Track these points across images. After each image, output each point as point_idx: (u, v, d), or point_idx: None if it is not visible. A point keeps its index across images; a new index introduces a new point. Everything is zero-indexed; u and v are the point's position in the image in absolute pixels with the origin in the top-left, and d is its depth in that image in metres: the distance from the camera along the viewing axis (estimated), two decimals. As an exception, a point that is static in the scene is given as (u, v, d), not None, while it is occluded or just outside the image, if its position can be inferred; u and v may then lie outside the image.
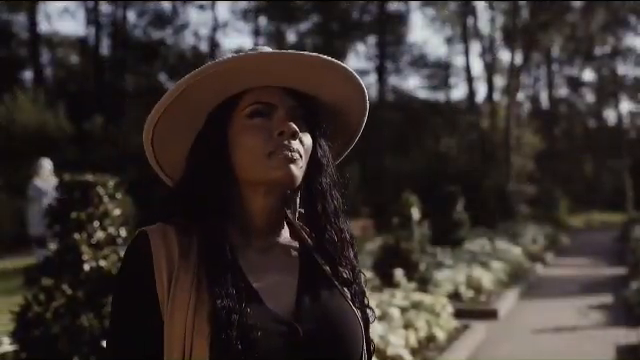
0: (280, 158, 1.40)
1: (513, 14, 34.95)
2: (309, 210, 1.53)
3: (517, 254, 15.92)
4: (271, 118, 1.43)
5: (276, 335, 1.33)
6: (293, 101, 1.47)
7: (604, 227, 34.54)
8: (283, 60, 1.44)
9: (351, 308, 1.46)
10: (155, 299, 1.35)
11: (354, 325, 1.43)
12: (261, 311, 1.34)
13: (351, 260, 1.53)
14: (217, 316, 1.29)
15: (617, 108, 51.15)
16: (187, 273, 1.35)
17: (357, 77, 1.50)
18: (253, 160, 1.41)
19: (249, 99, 1.44)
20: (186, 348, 1.30)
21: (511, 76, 35.94)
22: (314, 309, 1.41)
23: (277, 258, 1.48)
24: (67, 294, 5.00)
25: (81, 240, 5.08)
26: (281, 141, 1.41)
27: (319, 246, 1.52)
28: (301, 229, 1.57)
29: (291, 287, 1.43)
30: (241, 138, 1.42)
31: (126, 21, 35.30)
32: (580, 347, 8.56)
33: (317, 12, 36.64)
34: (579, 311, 10.97)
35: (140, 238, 1.41)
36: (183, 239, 1.40)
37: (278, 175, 1.40)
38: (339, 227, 1.52)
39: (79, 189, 5.22)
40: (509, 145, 33.25)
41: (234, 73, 1.42)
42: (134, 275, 1.39)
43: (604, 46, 46.46)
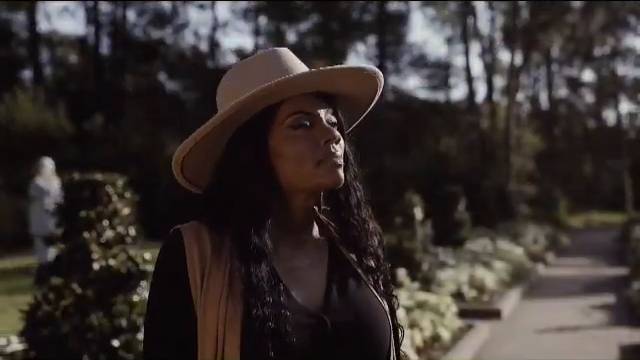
0: (329, 166, 1.45)
1: (513, 14, 34.95)
2: (333, 203, 1.57)
3: (519, 254, 15.94)
4: (312, 125, 1.47)
5: (304, 328, 1.37)
6: (325, 104, 1.51)
7: (603, 227, 34.57)
8: (341, 75, 1.52)
9: (378, 300, 1.50)
10: (188, 295, 1.40)
11: (381, 317, 1.47)
12: (290, 305, 1.37)
13: (375, 249, 1.57)
14: (249, 311, 1.33)
15: (617, 109, 51.16)
16: (219, 269, 1.40)
17: (381, 76, 1.58)
18: (301, 170, 1.45)
19: (288, 108, 1.47)
20: (219, 341, 1.35)
21: (511, 76, 35.95)
22: (342, 302, 1.45)
23: (307, 253, 1.52)
24: (77, 293, 5.01)
25: (90, 239, 5.08)
26: (328, 149, 1.46)
27: (344, 238, 1.56)
28: (328, 224, 1.60)
29: (320, 281, 1.48)
30: (287, 148, 1.46)
31: (126, 20, 35.25)
32: (583, 347, 8.58)
33: (317, 12, 36.62)
34: (581, 311, 10.99)
35: (174, 236, 1.45)
36: (215, 236, 1.44)
37: (327, 181, 1.46)
38: (362, 218, 1.57)
39: (88, 188, 5.22)
40: (509, 145, 33.26)
41: (276, 88, 1.45)
42: (168, 272, 1.44)
43: (604, 47, 46.46)
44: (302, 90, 1.48)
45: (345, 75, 1.53)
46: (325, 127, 1.47)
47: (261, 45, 39.07)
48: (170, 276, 1.43)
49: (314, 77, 1.47)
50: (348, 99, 1.58)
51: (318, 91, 1.51)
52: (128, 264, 5.19)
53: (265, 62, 1.53)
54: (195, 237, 1.43)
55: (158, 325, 1.43)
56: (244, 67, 1.55)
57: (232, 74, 1.57)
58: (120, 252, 5.25)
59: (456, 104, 43.02)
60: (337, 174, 1.46)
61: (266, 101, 1.46)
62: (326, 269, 1.51)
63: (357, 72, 1.53)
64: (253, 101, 1.44)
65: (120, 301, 5.15)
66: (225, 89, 1.57)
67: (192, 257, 1.41)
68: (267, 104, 1.47)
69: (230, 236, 1.44)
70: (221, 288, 1.37)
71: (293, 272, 1.46)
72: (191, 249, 1.41)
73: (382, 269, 1.57)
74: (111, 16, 34.78)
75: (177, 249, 1.42)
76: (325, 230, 1.59)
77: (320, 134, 1.46)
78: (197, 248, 1.41)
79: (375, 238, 1.58)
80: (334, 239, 1.57)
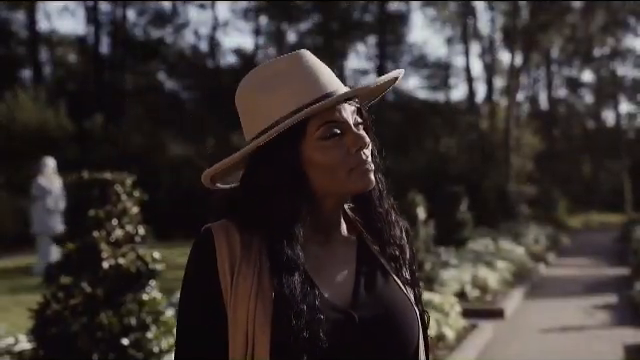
0: (360, 173, 1.48)
1: (513, 15, 34.98)
2: (356, 197, 1.59)
3: (520, 254, 15.95)
4: (343, 133, 1.49)
5: (333, 323, 1.38)
6: (350, 107, 1.52)
7: (603, 228, 34.61)
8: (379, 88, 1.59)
9: (404, 292, 1.53)
10: (219, 292, 1.43)
11: (409, 309, 1.50)
12: (319, 301, 1.40)
13: (398, 239, 1.60)
14: (278, 308, 1.36)
15: (616, 109, 51.21)
16: (249, 267, 1.42)
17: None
18: (334, 177, 1.48)
19: (319, 120, 1.48)
20: (249, 337, 1.37)
21: (511, 77, 35.98)
22: (370, 297, 1.48)
23: (336, 250, 1.54)
24: (86, 292, 5.01)
25: (100, 238, 5.09)
26: (359, 156, 1.48)
27: (368, 230, 1.59)
28: (354, 219, 1.62)
29: (349, 277, 1.51)
30: (319, 158, 1.47)
31: (126, 20, 35.24)
32: (589, 347, 8.59)
33: (317, 12, 36.61)
34: (584, 311, 11.00)
35: (205, 234, 1.49)
36: (245, 235, 1.46)
37: (359, 187, 1.50)
38: (385, 209, 1.59)
39: (97, 187, 5.23)
40: (509, 145, 33.29)
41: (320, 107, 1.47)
42: (199, 269, 1.47)
43: (603, 47, 46.50)
44: (338, 105, 1.50)
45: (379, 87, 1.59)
46: (355, 135, 1.48)
47: (261, 45, 39.12)
48: (201, 275, 1.46)
49: (352, 94, 1.50)
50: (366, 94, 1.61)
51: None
52: (137, 263, 5.19)
53: (296, 74, 1.51)
54: (225, 235, 1.46)
55: (191, 324, 1.46)
56: (273, 78, 1.52)
57: (259, 85, 1.53)
58: (129, 251, 5.25)
59: (456, 104, 43.05)
60: (368, 179, 1.49)
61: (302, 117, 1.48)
62: (354, 265, 1.53)
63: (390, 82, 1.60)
64: (292, 122, 1.46)
65: (129, 300, 5.15)
66: (255, 103, 1.54)
67: (222, 255, 1.44)
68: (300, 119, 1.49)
69: (259, 236, 1.46)
70: (250, 285, 1.40)
71: (322, 269, 1.48)
72: (221, 247, 1.44)
73: (406, 258, 1.61)
74: (111, 16, 34.79)
75: (208, 247, 1.46)
76: (352, 226, 1.61)
77: (351, 142, 1.48)
78: (227, 246, 1.44)
79: (397, 228, 1.61)
80: (361, 234, 1.60)
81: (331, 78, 1.54)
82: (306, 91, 1.49)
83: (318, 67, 1.55)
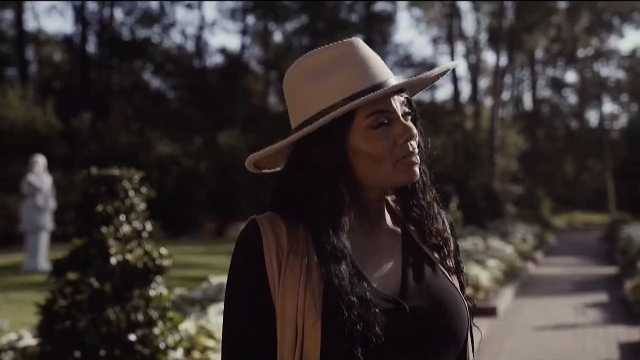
0: (405, 165, 1.47)
1: (499, 16, 35.17)
2: (400, 189, 1.58)
3: (510, 253, 16.04)
4: (390, 123, 1.47)
5: (384, 313, 1.38)
6: (399, 97, 1.51)
7: (586, 227, 34.89)
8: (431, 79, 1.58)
9: (453, 285, 1.52)
10: (266, 283, 1.42)
11: (458, 298, 1.49)
12: (369, 291, 1.39)
13: (441, 231, 1.59)
14: (329, 299, 1.35)
15: (599, 109, 51.60)
16: (297, 258, 1.41)
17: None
18: (379, 168, 1.46)
19: (368, 109, 1.46)
20: (298, 328, 1.36)
21: (495, 77, 36.19)
22: (419, 287, 1.47)
23: (381, 241, 1.54)
24: (94, 287, 5.01)
25: (108, 233, 5.08)
26: (406, 147, 1.47)
27: (411, 222, 1.58)
28: (398, 211, 1.62)
29: (396, 268, 1.50)
30: (366, 148, 1.46)
31: (113, 19, 35.15)
32: (583, 345, 8.65)
33: (304, 12, 36.62)
34: (576, 309, 11.07)
35: (251, 226, 1.48)
36: (290, 226, 1.46)
37: (404, 179, 1.49)
38: (427, 202, 1.58)
39: (105, 183, 5.23)
40: (493, 145, 33.48)
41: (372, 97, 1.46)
42: (246, 261, 1.46)
43: (587, 48, 46.83)
44: (389, 96, 1.48)
45: (430, 78, 1.57)
46: (403, 125, 1.47)
47: (248, 45, 39.06)
48: (249, 269, 1.44)
49: (404, 85, 1.49)
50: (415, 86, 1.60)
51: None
52: (144, 259, 5.19)
53: (345, 59, 1.50)
54: (271, 227, 1.45)
55: (239, 319, 1.45)
56: (321, 65, 1.51)
57: (308, 72, 1.52)
58: (136, 247, 5.25)
59: (441, 104, 43.21)
60: (413, 172, 1.48)
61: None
62: (401, 255, 1.53)
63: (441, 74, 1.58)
64: (344, 110, 1.45)
65: (136, 296, 5.15)
66: (303, 90, 1.52)
67: (269, 247, 1.43)
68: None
69: (304, 227, 1.45)
70: (299, 278, 1.39)
71: (368, 260, 1.48)
72: (268, 239, 1.43)
73: (450, 249, 1.60)
74: (98, 15, 34.65)
75: (254, 238, 1.45)
76: (395, 217, 1.61)
77: (399, 133, 1.46)
78: (273, 238, 1.43)
79: (440, 220, 1.61)
80: (405, 226, 1.59)
81: (382, 67, 1.52)
82: (356, 80, 1.47)
83: (369, 55, 1.52)
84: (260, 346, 1.41)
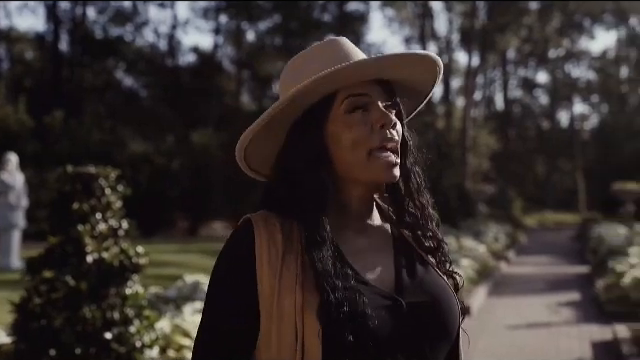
0: (381, 162, 1.46)
1: (471, 16, 35.36)
2: (392, 189, 1.58)
3: (482, 252, 16.14)
4: (368, 110, 1.48)
5: (381, 309, 1.39)
6: (383, 89, 1.52)
7: (557, 227, 35.21)
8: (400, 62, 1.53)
9: (445, 282, 1.53)
10: (253, 283, 1.41)
11: (451, 296, 1.51)
12: (363, 288, 1.40)
13: (435, 233, 1.59)
14: (325, 295, 1.34)
15: (570, 110, 52.10)
16: (292, 256, 1.41)
17: (440, 62, 1.58)
18: (355, 157, 1.46)
19: (344, 93, 1.48)
20: (298, 325, 1.35)
21: (467, 77, 36.39)
22: (413, 283, 1.48)
23: (372, 238, 1.54)
24: (70, 285, 4.95)
25: (85, 232, 5.03)
26: (384, 134, 1.46)
27: (403, 223, 1.58)
28: (388, 210, 1.61)
29: (388, 264, 1.50)
30: (343, 133, 1.47)
31: (85, 18, 34.86)
32: (557, 343, 8.72)
33: (277, 11, 36.56)
34: (549, 308, 11.17)
35: (244, 225, 1.47)
36: (285, 223, 1.45)
37: (379, 179, 1.48)
38: (421, 203, 1.58)
39: (81, 181, 5.17)
40: (465, 145, 33.66)
41: (336, 76, 1.46)
42: (234, 259, 1.46)
43: (558, 49, 47.28)
44: (361, 78, 1.49)
45: (404, 62, 1.54)
46: (381, 111, 1.47)
47: (221, 44, 38.92)
48: (236, 266, 1.44)
49: (372, 64, 1.48)
50: (407, 87, 1.59)
51: (377, 78, 1.52)
52: (121, 257, 5.14)
53: (324, 52, 1.54)
54: (265, 226, 1.44)
55: (217, 307, 1.45)
56: (303, 58, 1.56)
57: (291, 66, 1.58)
58: (112, 245, 5.20)
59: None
60: (390, 173, 1.47)
61: (325, 88, 1.47)
62: (392, 252, 1.53)
63: (416, 59, 1.55)
64: (313, 86, 1.45)
65: (113, 294, 5.11)
66: (286, 80, 1.56)
67: (261, 246, 1.42)
68: (326, 92, 1.48)
69: (298, 224, 1.45)
70: (295, 275, 1.39)
71: (362, 255, 1.48)
72: (261, 237, 1.42)
73: (443, 250, 1.60)
74: (71, 13, 34.36)
75: (247, 237, 1.44)
76: (385, 216, 1.60)
77: (376, 118, 1.46)
78: (267, 236, 1.43)
79: (433, 223, 1.60)
80: (395, 224, 1.59)
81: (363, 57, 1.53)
82: (334, 64, 1.47)
83: (350, 47, 1.56)
84: (235, 344, 1.42)
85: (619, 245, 15.46)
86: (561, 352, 8.29)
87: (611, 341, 8.64)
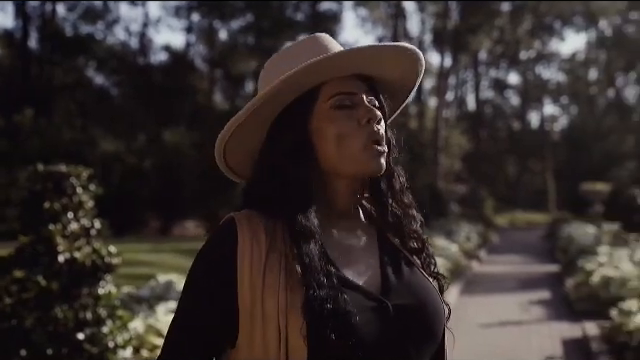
0: (371, 152, 1.46)
1: (443, 17, 35.55)
2: (375, 189, 1.57)
3: (454, 251, 16.22)
4: (354, 106, 1.48)
5: (367, 310, 1.37)
6: (366, 87, 1.52)
7: (528, 226, 35.50)
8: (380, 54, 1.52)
9: (430, 284, 1.52)
10: (232, 282, 1.38)
11: (437, 298, 1.50)
12: (351, 289, 1.38)
13: (419, 234, 1.58)
14: (311, 291, 1.32)
15: (540, 111, 52.59)
16: (275, 256, 1.39)
17: (422, 58, 1.57)
18: (342, 150, 1.45)
19: (330, 90, 1.48)
20: (281, 325, 1.33)
21: (440, 78, 36.58)
22: (400, 284, 1.46)
23: (357, 238, 1.52)
24: (41, 285, 4.91)
25: (56, 231, 4.99)
26: (370, 128, 1.46)
27: (386, 224, 1.56)
28: (371, 210, 1.60)
29: (374, 265, 1.48)
30: (329, 128, 1.46)
31: (55, 15, 34.54)
32: (528, 341, 8.80)
33: (250, 10, 36.47)
34: (520, 306, 11.25)
35: (227, 223, 1.44)
36: (268, 223, 1.43)
37: (368, 169, 1.47)
38: (405, 203, 1.57)
39: (52, 180, 5.13)
40: (437, 145, 33.84)
41: (317, 67, 1.45)
42: (214, 258, 1.43)
43: (529, 50, 47.70)
44: (342, 71, 1.48)
45: (384, 55, 1.53)
46: (367, 107, 1.47)
47: (193, 42, 38.77)
48: (216, 265, 1.42)
49: (353, 55, 1.48)
50: (388, 85, 1.58)
51: (359, 75, 1.51)
52: (93, 257, 5.11)
53: (306, 46, 1.54)
54: (248, 225, 1.42)
55: (192, 311, 1.43)
56: (284, 53, 1.56)
57: (273, 61, 1.57)
58: (85, 245, 5.17)
59: (386, 104, 43.41)
60: (379, 162, 1.46)
61: (307, 82, 1.46)
62: (378, 253, 1.51)
63: (397, 52, 1.53)
64: (295, 79, 1.44)
65: (85, 294, 5.08)
66: (267, 75, 1.55)
67: (244, 245, 1.39)
68: (308, 86, 1.47)
69: (282, 223, 1.43)
70: (279, 275, 1.37)
71: (347, 255, 1.46)
72: (244, 237, 1.40)
73: (427, 252, 1.59)
74: (40, 10, 34.02)
75: (229, 236, 1.41)
76: (369, 216, 1.59)
77: (362, 114, 1.46)
78: (251, 236, 1.40)
79: (418, 223, 1.59)
80: (379, 225, 1.57)
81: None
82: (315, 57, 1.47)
83: (331, 42, 1.56)
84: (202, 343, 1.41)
85: (588, 244, 15.65)
86: (532, 350, 8.36)
87: (581, 338, 8.74)
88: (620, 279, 10.33)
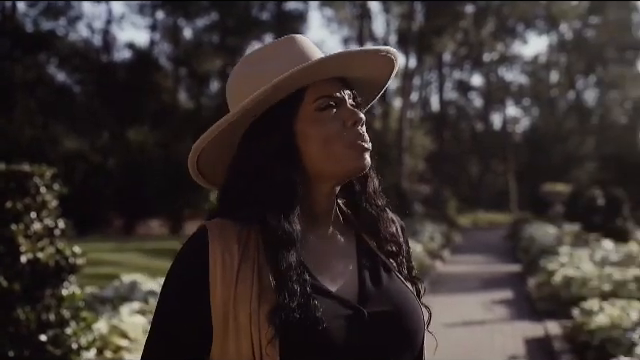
0: (358, 150, 1.45)
1: (408, 18, 35.74)
2: (349, 192, 1.56)
3: (418, 251, 16.29)
4: (338, 109, 1.46)
5: (342, 319, 1.35)
6: (347, 88, 1.50)
7: (490, 226, 35.82)
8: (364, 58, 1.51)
9: (409, 289, 1.50)
10: (205, 296, 1.36)
11: (415, 303, 1.48)
12: (325, 297, 1.36)
13: (395, 237, 1.57)
14: (282, 299, 1.30)
15: (503, 113, 53.07)
16: (248, 266, 1.37)
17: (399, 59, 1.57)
18: (329, 151, 1.43)
19: (314, 93, 1.46)
20: (254, 337, 1.31)
21: (405, 79, 36.76)
22: (377, 292, 1.44)
23: (335, 243, 1.50)
24: (2, 286, 4.84)
25: (18, 231, 4.92)
26: (356, 130, 1.45)
27: (363, 226, 1.54)
28: (350, 213, 1.58)
29: (352, 272, 1.46)
30: (315, 130, 1.44)
31: (16, 11, 34.04)
32: (492, 340, 8.87)
33: (215, 9, 36.30)
34: (484, 306, 11.34)
35: (199, 233, 1.42)
36: (242, 231, 1.40)
37: (356, 166, 1.45)
38: (379, 206, 1.56)
39: (15, 179, 5.05)
40: (402, 146, 34.01)
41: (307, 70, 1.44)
42: (187, 270, 1.41)
43: (493, 52, 48.14)
44: (328, 74, 1.47)
45: (370, 59, 1.52)
46: (351, 109, 1.46)
47: (157, 40, 38.48)
48: (188, 277, 1.40)
49: (343, 59, 1.47)
50: (362, 84, 1.57)
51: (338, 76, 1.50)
52: (56, 257, 5.04)
53: (286, 48, 1.51)
54: (220, 234, 1.40)
55: (166, 318, 1.41)
56: (264, 54, 1.52)
57: (250, 61, 1.52)
58: (47, 245, 5.10)
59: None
60: (365, 159, 1.46)
61: (293, 85, 1.44)
62: (356, 259, 1.49)
63: (381, 56, 1.53)
64: (286, 84, 1.43)
65: (48, 295, 5.01)
66: (244, 77, 1.51)
67: (215, 256, 1.37)
68: (293, 89, 1.45)
69: (256, 230, 1.41)
70: (251, 285, 1.35)
71: (324, 262, 1.45)
72: (215, 247, 1.38)
73: (404, 254, 1.58)
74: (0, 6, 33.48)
75: (201, 247, 1.39)
76: (347, 221, 1.57)
77: (346, 115, 1.45)
78: (222, 247, 1.38)
79: (393, 226, 1.59)
80: (357, 228, 1.56)
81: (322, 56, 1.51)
82: (297, 62, 1.45)
83: (310, 45, 1.54)
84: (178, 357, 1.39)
85: (549, 245, 15.86)
86: (495, 349, 8.43)
87: (543, 338, 8.83)
88: (581, 279, 10.47)
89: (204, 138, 1.47)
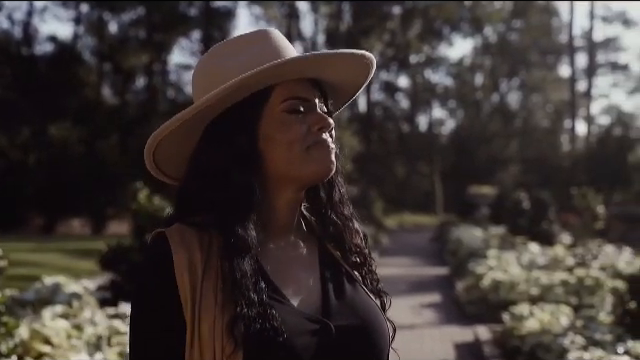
0: (321, 151, 1.38)
1: (336, 18, 35.89)
2: (314, 199, 1.50)
3: (346, 253, 16.28)
4: (306, 112, 1.40)
5: (308, 334, 1.29)
6: (318, 91, 1.45)
7: (416, 228, 36.23)
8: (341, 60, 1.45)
9: (374, 301, 1.46)
10: (179, 306, 1.28)
11: (380, 316, 1.44)
12: (288, 311, 1.30)
13: (360, 247, 1.52)
14: (239, 309, 1.24)
15: (429, 114, 53.75)
16: (210, 275, 1.29)
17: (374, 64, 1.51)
18: (291, 154, 1.37)
19: (283, 93, 1.39)
20: (216, 349, 1.24)
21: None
22: (341, 305, 1.38)
23: (298, 251, 1.44)
24: None
25: None
26: (320, 135, 1.39)
27: (327, 235, 1.49)
28: (313, 223, 1.52)
29: (315, 283, 1.40)
30: (279, 133, 1.38)
31: None
32: (421, 345, 8.85)
33: (141, 3, 35.71)
34: (412, 309, 11.36)
35: (159, 242, 1.33)
36: (203, 238, 1.33)
37: (319, 168, 1.39)
38: (345, 215, 1.51)
39: None
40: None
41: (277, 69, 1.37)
42: (156, 283, 1.31)
43: (419, 54, 48.70)
44: (299, 75, 1.40)
45: (344, 61, 1.46)
46: (319, 114, 1.40)
47: (81, 34, 37.62)
48: (157, 284, 1.29)
49: (319, 60, 1.41)
50: (335, 86, 1.50)
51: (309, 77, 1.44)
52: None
53: (257, 42, 1.44)
54: (181, 241, 1.31)
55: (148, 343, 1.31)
56: (233, 47, 1.44)
57: (217, 54, 1.44)
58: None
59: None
60: (330, 160, 1.39)
61: (259, 82, 1.37)
62: (318, 269, 1.43)
63: (356, 59, 1.46)
64: (253, 81, 1.35)
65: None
66: (211, 70, 1.43)
67: (180, 264, 1.28)
68: (260, 87, 1.38)
69: (217, 236, 1.32)
70: (214, 296, 1.27)
71: (286, 272, 1.38)
72: (179, 255, 1.29)
73: (369, 266, 1.53)
74: None
75: (164, 257, 1.30)
76: (310, 229, 1.51)
77: (314, 121, 1.39)
78: (185, 253, 1.29)
79: (359, 236, 1.53)
80: (320, 237, 1.50)
81: (294, 54, 1.44)
82: (263, 59, 1.38)
83: (283, 44, 1.46)
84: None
85: (477, 247, 16.02)
86: (425, 353, 8.41)
87: (473, 342, 8.87)
88: (509, 283, 10.58)
89: (162, 130, 1.39)
